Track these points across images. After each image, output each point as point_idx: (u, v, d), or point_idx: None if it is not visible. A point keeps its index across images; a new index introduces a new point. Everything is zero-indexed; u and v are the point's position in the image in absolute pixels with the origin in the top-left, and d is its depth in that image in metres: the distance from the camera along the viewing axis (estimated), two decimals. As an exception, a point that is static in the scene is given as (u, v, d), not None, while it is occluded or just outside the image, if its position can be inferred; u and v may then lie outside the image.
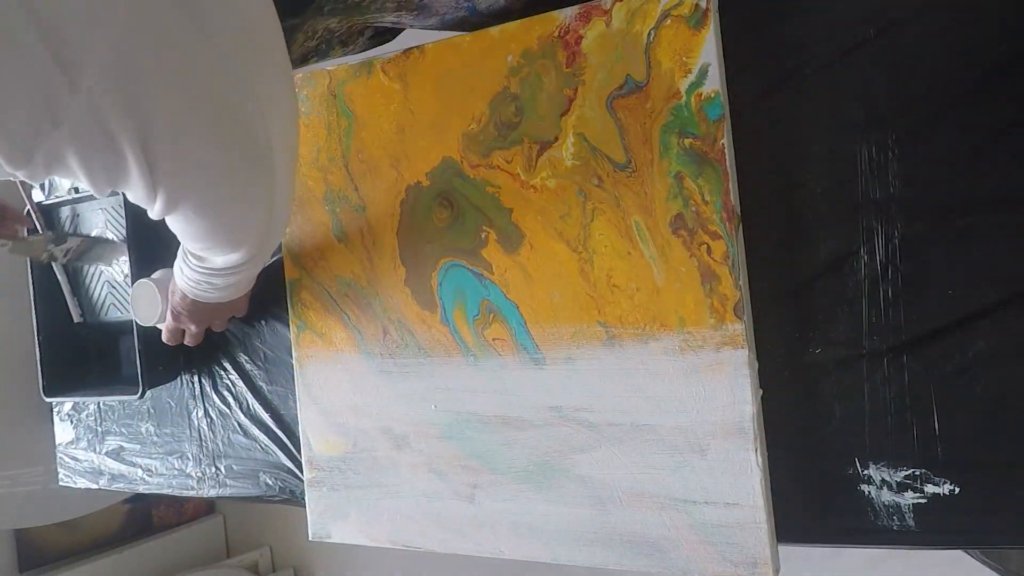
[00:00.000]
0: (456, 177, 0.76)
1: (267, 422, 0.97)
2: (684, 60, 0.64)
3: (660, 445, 0.66)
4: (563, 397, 0.71)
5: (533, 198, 0.72)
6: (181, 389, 1.05)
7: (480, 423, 0.75)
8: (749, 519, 0.62)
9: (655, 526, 0.67)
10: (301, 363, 0.87)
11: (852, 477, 0.62)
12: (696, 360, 0.65)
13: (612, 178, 0.68)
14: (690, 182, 0.64)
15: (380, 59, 0.80)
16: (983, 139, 0.57)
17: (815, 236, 0.63)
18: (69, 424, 1.19)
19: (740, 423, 0.63)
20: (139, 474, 1.11)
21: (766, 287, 0.65)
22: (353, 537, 0.84)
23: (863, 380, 0.61)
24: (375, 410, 0.82)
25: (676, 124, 0.65)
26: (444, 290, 0.77)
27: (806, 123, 0.63)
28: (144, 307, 0.92)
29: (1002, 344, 0.57)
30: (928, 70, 0.59)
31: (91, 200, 1.07)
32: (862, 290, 0.61)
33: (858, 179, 0.61)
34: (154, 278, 0.92)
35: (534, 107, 0.72)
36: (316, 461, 0.86)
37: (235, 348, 0.99)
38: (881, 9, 0.60)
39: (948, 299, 0.58)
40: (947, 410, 0.59)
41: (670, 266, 0.66)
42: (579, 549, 0.70)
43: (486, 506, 0.75)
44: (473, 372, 0.75)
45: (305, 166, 0.85)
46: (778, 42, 0.64)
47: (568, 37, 0.70)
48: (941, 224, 0.59)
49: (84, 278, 1.12)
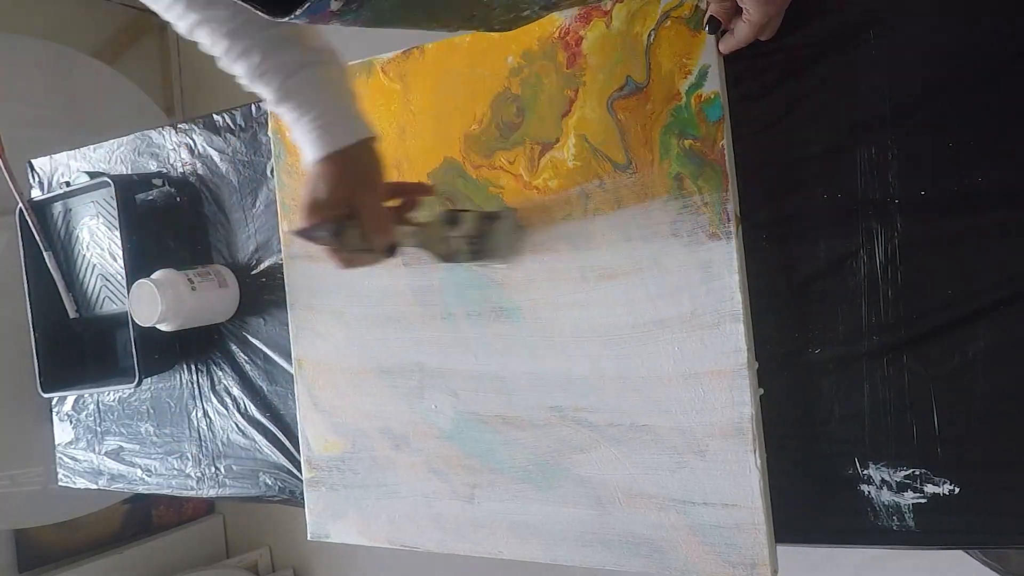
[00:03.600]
0: (459, 178, 0.76)
1: (266, 422, 0.97)
2: (684, 61, 0.64)
3: (659, 446, 0.66)
4: (563, 397, 0.71)
5: (536, 199, 0.72)
6: (181, 389, 1.05)
7: (480, 423, 0.75)
8: (748, 520, 0.62)
9: (654, 527, 0.67)
10: (300, 363, 0.87)
11: (852, 477, 0.62)
12: (695, 361, 0.65)
13: (613, 179, 0.68)
14: (690, 183, 0.64)
15: (380, 59, 0.80)
16: (983, 139, 0.57)
17: (815, 236, 0.63)
18: (68, 424, 1.19)
19: (739, 424, 0.63)
20: (138, 474, 1.11)
21: (766, 287, 0.64)
22: (352, 537, 0.84)
23: (863, 380, 0.61)
24: (374, 410, 0.82)
25: (676, 125, 0.65)
26: (445, 289, 0.77)
27: (806, 123, 0.63)
28: (144, 307, 0.92)
29: (1002, 344, 0.57)
30: (928, 70, 0.59)
31: (83, 194, 1.07)
32: (862, 290, 0.61)
33: (858, 179, 0.61)
34: (153, 278, 0.92)
35: (535, 108, 0.72)
36: (315, 461, 0.86)
37: (235, 348, 0.99)
38: (881, 9, 0.60)
39: (948, 299, 0.58)
40: (947, 410, 0.59)
41: (670, 267, 0.65)
42: (578, 550, 0.70)
43: (485, 506, 0.75)
44: (477, 371, 0.75)
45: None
46: (777, 42, 0.64)
47: (568, 38, 0.70)
48: (941, 224, 0.59)
49: (78, 272, 1.12)
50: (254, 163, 0.97)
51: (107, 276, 1.09)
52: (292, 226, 0.62)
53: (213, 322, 0.99)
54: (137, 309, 0.92)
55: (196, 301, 0.93)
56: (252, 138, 0.97)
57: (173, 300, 0.91)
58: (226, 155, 0.99)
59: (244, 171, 0.98)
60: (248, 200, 0.97)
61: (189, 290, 0.93)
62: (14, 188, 1.06)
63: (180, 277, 0.93)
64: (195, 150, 1.02)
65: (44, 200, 1.11)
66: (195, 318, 0.95)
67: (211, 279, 0.95)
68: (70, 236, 1.12)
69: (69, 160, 1.18)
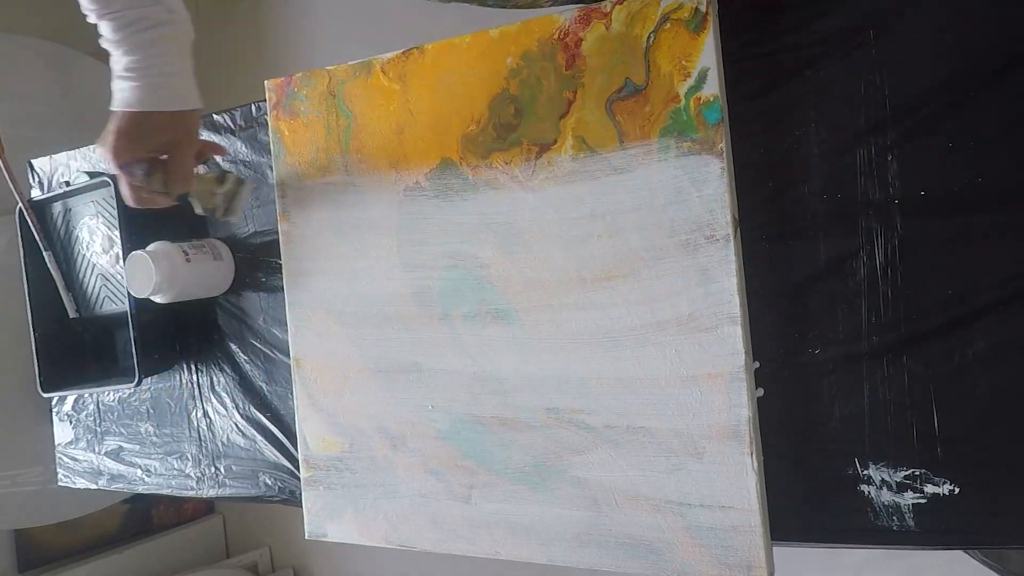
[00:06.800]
0: (455, 178, 0.76)
1: (266, 422, 0.97)
2: (683, 64, 0.64)
3: (656, 448, 0.66)
4: (560, 399, 0.71)
5: (532, 201, 0.72)
6: (180, 389, 1.05)
7: (477, 424, 0.75)
8: (744, 522, 0.62)
9: (650, 528, 0.67)
10: (299, 362, 0.87)
11: (852, 477, 0.62)
12: (693, 364, 0.64)
13: (611, 180, 0.68)
14: (688, 185, 0.64)
15: (380, 59, 0.80)
16: (982, 139, 0.57)
17: (815, 236, 0.63)
18: (68, 424, 1.19)
19: (736, 426, 0.63)
20: (138, 474, 1.11)
21: (766, 287, 0.64)
22: (349, 536, 0.84)
23: (863, 380, 0.61)
24: (372, 410, 0.82)
25: (675, 127, 0.65)
26: (443, 291, 0.77)
27: (805, 123, 0.63)
28: (139, 278, 0.92)
29: (1002, 344, 0.57)
30: (928, 70, 0.59)
31: (83, 193, 1.07)
32: (862, 290, 0.61)
33: (858, 179, 0.61)
34: (148, 250, 0.92)
35: (533, 109, 0.71)
36: (312, 460, 0.86)
37: (235, 348, 0.99)
38: (881, 9, 0.60)
39: (948, 299, 0.58)
40: (947, 410, 0.59)
41: (668, 269, 0.65)
42: (574, 550, 0.70)
43: (482, 507, 0.75)
44: (474, 372, 0.75)
45: (304, 166, 0.85)
46: (777, 42, 0.64)
47: (568, 39, 0.70)
48: (941, 224, 0.59)
49: (78, 272, 1.12)
50: (254, 163, 0.97)
51: (107, 276, 1.09)
52: (107, 150, 0.70)
53: (208, 295, 0.99)
54: (132, 281, 0.92)
55: (191, 272, 0.93)
56: (252, 138, 0.97)
57: (168, 271, 0.91)
58: (227, 155, 0.99)
59: (244, 171, 0.98)
60: (248, 200, 0.97)
61: (183, 261, 0.93)
62: (14, 188, 1.06)
63: (175, 248, 0.94)
64: (195, 150, 1.02)
65: (44, 200, 1.11)
66: (190, 290, 0.95)
67: (206, 252, 0.96)
68: (70, 236, 1.12)
69: (69, 160, 1.19)
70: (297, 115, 0.86)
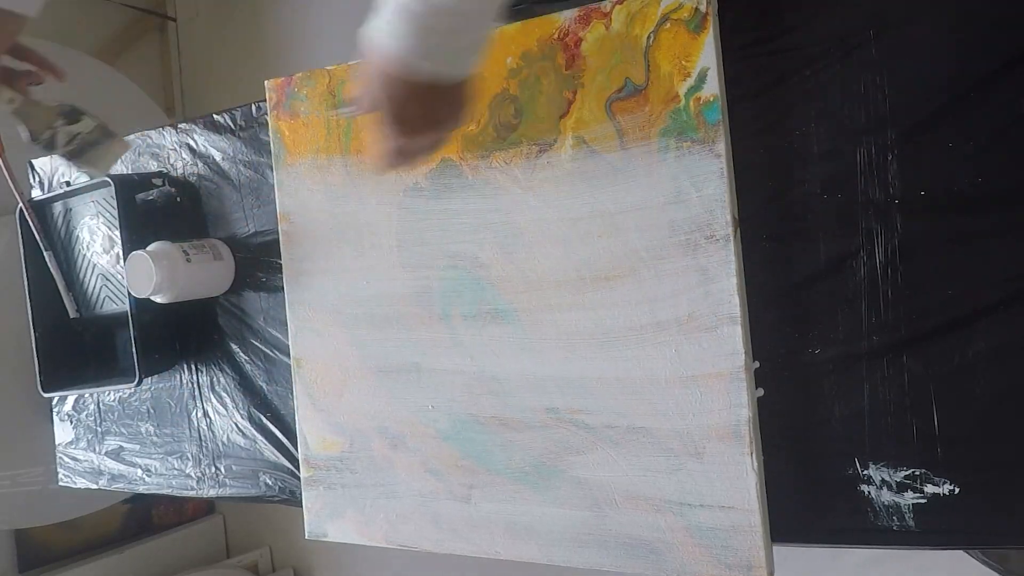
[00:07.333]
0: (455, 178, 0.76)
1: (267, 422, 0.97)
2: (683, 64, 0.64)
3: (656, 448, 0.66)
4: (559, 399, 0.71)
5: (532, 201, 0.72)
6: (181, 389, 1.05)
7: (477, 424, 0.75)
8: (744, 522, 0.62)
9: (650, 529, 0.67)
10: (299, 362, 0.87)
11: (852, 477, 0.62)
12: (693, 364, 0.64)
13: (610, 180, 0.68)
14: (688, 186, 0.64)
15: (379, 59, 0.80)
16: (982, 139, 0.57)
17: (815, 236, 0.63)
18: (69, 424, 1.19)
19: (736, 427, 0.63)
20: (139, 474, 1.11)
21: (766, 287, 0.64)
22: (349, 536, 0.84)
23: (863, 380, 0.61)
24: (372, 410, 0.82)
25: (675, 128, 0.65)
26: (443, 291, 0.77)
27: (805, 123, 0.63)
28: (139, 278, 0.92)
29: (1002, 344, 0.57)
30: (928, 70, 0.59)
31: (83, 193, 1.07)
32: (862, 290, 0.61)
33: (858, 179, 0.61)
34: (149, 250, 0.92)
35: (533, 109, 0.71)
36: (313, 460, 0.86)
37: (235, 348, 0.99)
38: (881, 9, 0.60)
39: (948, 299, 0.58)
40: (947, 410, 0.59)
41: (668, 270, 0.65)
42: (574, 551, 0.70)
43: (482, 507, 0.75)
44: (474, 372, 0.75)
45: (304, 166, 0.85)
46: (777, 42, 0.64)
47: (568, 39, 0.70)
48: (941, 224, 0.59)
49: (78, 272, 1.12)
50: (254, 163, 0.97)
51: (107, 276, 1.09)
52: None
53: (209, 295, 0.98)
54: (133, 281, 0.92)
55: (191, 272, 0.93)
56: (253, 138, 0.97)
57: (168, 271, 0.91)
58: (227, 155, 0.99)
59: (245, 171, 0.98)
60: (248, 200, 0.97)
61: (184, 261, 0.93)
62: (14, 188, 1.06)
63: (175, 248, 0.93)
64: (196, 150, 1.02)
65: (44, 200, 1.11)
66: (191, 290, 0.95)
67: (206, 252, 0.96)
68: (70, 236, 1.12)
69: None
70: (297, 115, 0.86)
